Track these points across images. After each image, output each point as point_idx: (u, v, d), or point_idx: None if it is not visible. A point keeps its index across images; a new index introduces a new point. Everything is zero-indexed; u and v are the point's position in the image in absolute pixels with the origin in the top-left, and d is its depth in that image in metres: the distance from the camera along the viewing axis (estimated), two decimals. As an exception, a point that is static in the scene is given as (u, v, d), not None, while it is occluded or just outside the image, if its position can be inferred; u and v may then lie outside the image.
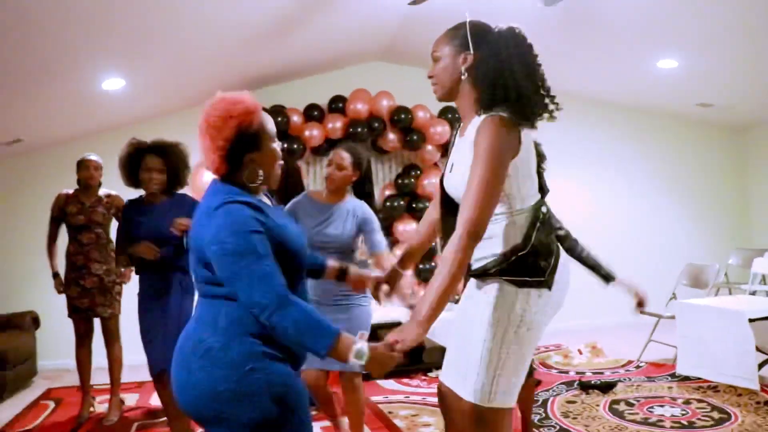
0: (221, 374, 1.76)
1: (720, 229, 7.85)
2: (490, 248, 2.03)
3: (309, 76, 6.74)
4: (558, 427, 3.90)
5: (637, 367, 5.34)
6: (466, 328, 2.09)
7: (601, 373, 5.17)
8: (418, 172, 6.73)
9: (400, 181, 6.71)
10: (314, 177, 6.74)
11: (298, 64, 6.34)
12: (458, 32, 2.09)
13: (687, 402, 4.27)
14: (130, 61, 5.03)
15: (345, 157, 3.37)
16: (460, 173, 2.04)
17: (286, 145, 6.08)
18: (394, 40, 6.25)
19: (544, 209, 2.08)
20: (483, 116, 2.00)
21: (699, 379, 4.64)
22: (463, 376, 2.06)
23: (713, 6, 4.77)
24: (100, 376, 4.76)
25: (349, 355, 1.73)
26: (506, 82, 1.99)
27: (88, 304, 4.51)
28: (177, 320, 3.54)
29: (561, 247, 2.12)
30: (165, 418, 3.96)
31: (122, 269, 4.49)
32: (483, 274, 2.05)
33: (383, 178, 6.95)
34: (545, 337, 6.33)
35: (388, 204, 6.59)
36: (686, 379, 4.73)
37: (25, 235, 6.37)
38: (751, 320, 4.27)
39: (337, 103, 6.53)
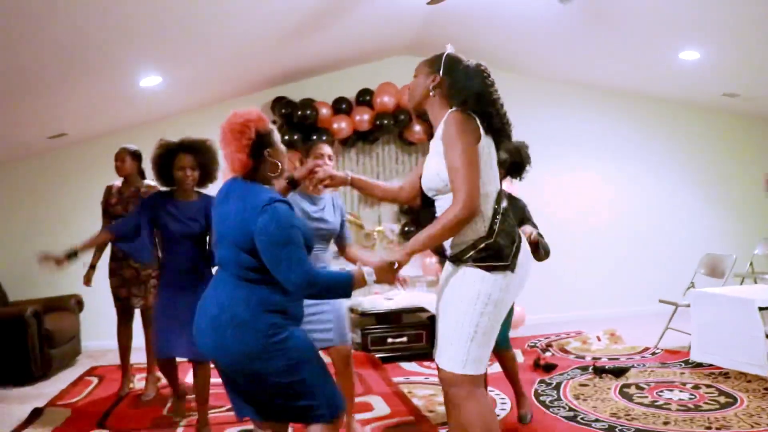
0: (250, 338, 2.31)
1: (746, 220, 7.86)
2: (461, 236, 2.36)
3: (337, 71, 6.94)
4: (567, 408, 4.09)
5: (653, 353, 5.47)
6: (444, 308, 2.45)
7: (617, 359, 5.32)
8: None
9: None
10: (342, 168, 6.96)
11: (326, 58, 6.55)
12: (432, 58, 2.60)
13: (696, 387, 4.41)
14: (166, 60, 5.29)
15: (329, 150, 3.59)
16: (427, 167, 2.46)
17: (315, 137, 6.31)
18: (419, 35, 6.42)
19: (504, 202, 2.42)
20: (446, 116, 2.42)
21: (711, 365, 4.76)
22: (442, 349, 2.42)
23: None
24: (139, 356, 5.06)
25: (366, 281, 2.32)
26: (470, 103, 2.44)
27: (126, 294, 4.78)
28: None
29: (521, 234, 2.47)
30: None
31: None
32: (455, 260, 2.39)
33: (410, 168, 7.14)
34: (566, 325, 6.53)
35: (413, 194, 6.79)
36: (699, 365, 4.85)
37: (69, 222, 6.73)
38: (761, 308, 4.37)
39: (365, 96, 6.73)
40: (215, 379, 3.91)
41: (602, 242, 7.44)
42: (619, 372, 4.78)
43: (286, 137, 6.28)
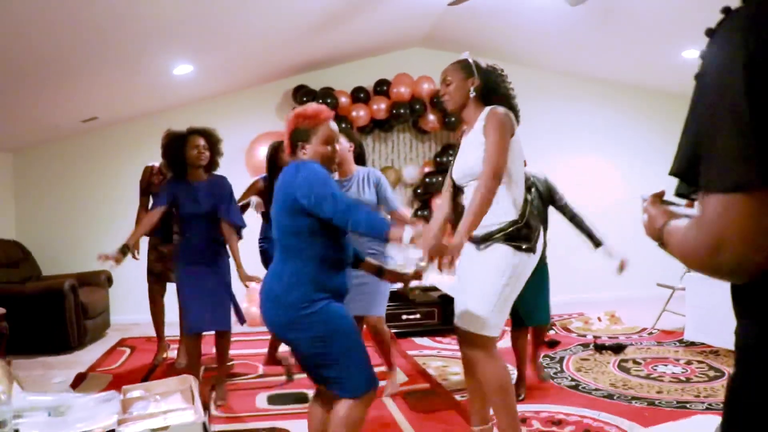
0: (282, 311, 2.55)
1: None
2: (494, 219, 2.72)
3: (356, 61, 7.26)
4: (570, 378, 4.47)
5: (650, 333, 5.84)
6: (473, 279, 2.80)
7: (616, 337, 5.69)
8: (456, 150, 7.24)
9: (438, 159, 7.24)
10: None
11: (346, 49, 6.87)
12: (462, 63, 2.91)
13: (688, 363, 4.79)
14: (198, 50, 5.62)
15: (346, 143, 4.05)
16: (465, 158, 2.84)
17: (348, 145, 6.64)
18: (435, 28, 6.73)
19: (531, 193, 2.74)
20: (487, 110, 2.80)
21: (703, 344, 5.13)
22: (467, 312, 2.79)
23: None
24: (169, 328, 5.44)
25: (402, 238, 2.39)
26: (500, 96, 2.86)
27: (161, 268, 5.14)
28: (228, 288, 4.19)
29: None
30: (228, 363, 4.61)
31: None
32: (487, 239, 2.74)
33: (423, 156, 7.49)
34: (568, 306, 6.85)
35: (427, 180, 7.15)
36: (692, 344, 5.22)
37: (100, 202, 7.11)
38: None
39: (382, 86, 7.06)
40: (243, 350, 4.33)
41: (604, 228, 7.77)
42: (617, 349, 5.16)
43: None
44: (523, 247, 2.73)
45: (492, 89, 2.87)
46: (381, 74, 7.14)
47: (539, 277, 3.94)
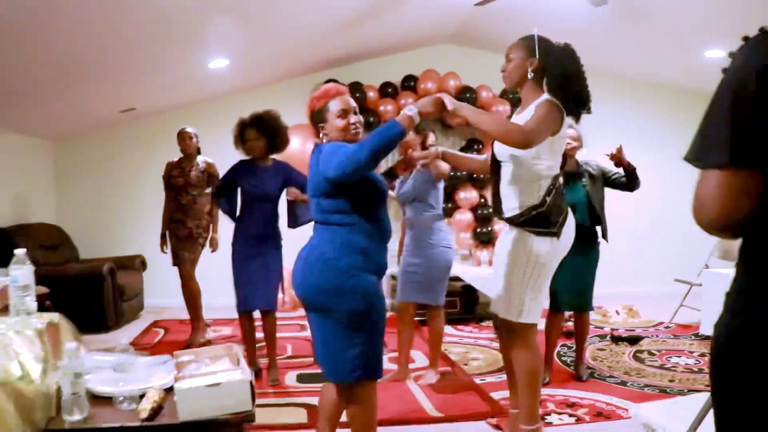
0: (332, 275, 2.55)
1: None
2: (515, 201, 2.85)
3: (385, 56, 7.45)
4: (585, 366, 4.64)
5: (667, 327, 5.99)
6: (501, 267, 2.94)
7: (633, 330, 5.84)
8: (480, 145, 7.43)
9: (463, 153, 7.42)
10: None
11: (375, 45, 7.06)
12: (528, 42, 2.89)
13: (702, 355, 4.94)
14: (234, 45, 5.85)
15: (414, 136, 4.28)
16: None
17: (362, 119, 6.85)
18: (463, 26, 6.90)
19: (560, 180, 2.88)
20: (543, 98, 2.80)
21: (718, 338, 5.26)
22: (502, 301, 2.93)
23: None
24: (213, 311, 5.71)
25: (410, 119, 2.47)
26: (565, 86, 2.81)
27: (178, 249, 5.40)
28: (279, 270, 4.42)
29: (569, 209, 2.93)
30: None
31: (214, 236, 5.28)
32: (510, 222, 2.87)
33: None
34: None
35: (451, 174, 7.33)
36: (707, 338, 5.36)
37: (135, 189, 7.39)
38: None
39: (409, 82, 7.25)
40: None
41: (624, 225, 7.89)
42: (633, 340, 5.33)
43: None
44: (544, 231, 2.81)
45: (555, 72, 2.80)
46: (409, 70, 7.33)
47: (581, 264, 4.08)
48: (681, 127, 8.08)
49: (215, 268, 5.41)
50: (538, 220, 2.80)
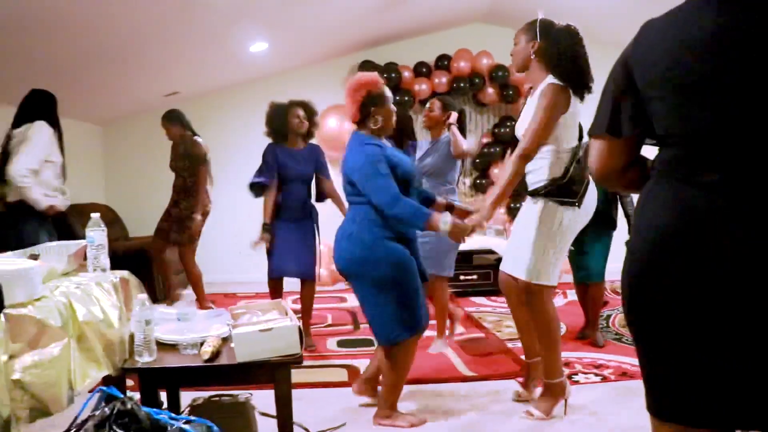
0: (357, 248, 2.98)
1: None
2: (540, 176, 3.08)
3: (419, 37, 7.61)
4: (614, 333, 4.83)
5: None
6: (523, 230, 3.16)
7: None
8: (513, 122, 7.55)
9: (496, 131, 7.57)
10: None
11: (409, 25, 7.22)
12: (532, 26, 3.11)
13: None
14: (273, 29, 6.08)
15: (437, 104, 4.51)
16: (524, 119, 3.12)
17: (397, 98, 7.06)
18: (494, 4, 7.02)
19: (580, 152, 3.08)
20: (546, 83, 3.01)
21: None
22: (519, 262, 3.14)
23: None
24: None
25: (440, 224, 2.91)
26: (563, 64, 3.00)
27: (167, 227, 5.74)
28: (313, 245, 4.66)
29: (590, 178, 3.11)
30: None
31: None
32: (535, 194, 3.10)
33: (482, 127, 7.83)
34: (619, 272, 7.11)
35: (485, 150, 7.50)
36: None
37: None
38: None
39: (443, 61, 7.41)
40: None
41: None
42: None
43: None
44: (566, 201, 3.03)
45: (557, 52, 2.96)
46: (442, 49, 7.48)
47: (596, 238, 4.34)
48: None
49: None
50: (561, 191, 3.03)
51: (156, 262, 5.97)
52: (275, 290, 4.67)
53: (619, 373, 3.90)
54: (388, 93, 3.17)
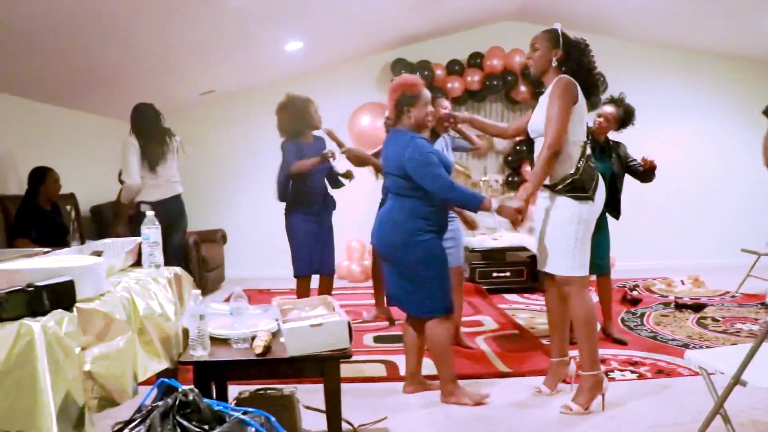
0: (399, 235, 3.33)
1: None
2: (556, 173, 3.22)
3: (451, 35, 7.64)
4: (648, 331, 4.84)
5: (733, 296, 6.07)
6: (551, 228, 3.31)
7: (698, 299, 5.94)
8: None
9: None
10: (453, 123, 7.73)
11: (442, 23, 7.26)
12: (551, 34, 3.30)
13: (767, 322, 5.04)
14: (308, 28, 6.16)
15: (447, 103, 4.70)
16: (536, 116, 3.29)
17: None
18: (526, 2, 7.02)
19: (588, 148, 3.26)
20: (557, 78, 3.21)
21: (785, 306, 5.35)
22: (554, 259, 3.30)
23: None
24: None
25: (489, 207, 3.23)
26: (581, 75, 3.25)
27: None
28: (332, 238, 4.75)
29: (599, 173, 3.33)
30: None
31: None
32: (552, 189, 3.24)
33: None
34: (653, 271, 7.07)
35: (517, 148, 7.52)
36: (774, 307, 5.46)
37: (216, 167, 7.83)
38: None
39: (475, 59, 7.44)
40: (348, 301, 4.83)
41: (690, 198, 7.93)
42: (698, 308, 5.45)
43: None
44: (581, 196, 3.20)
45: (573, 61, 3.23)
46: (475, 47, 7.51)
47: (600, 232, 4.30)
48: (744, 96, 8.04)
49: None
50: (576, 187, 3.20)
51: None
52: (305, 288, 4.69)
53: (654, 371, 3.92)
54: (425, 94, 3.40)
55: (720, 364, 2.45)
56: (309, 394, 3.11)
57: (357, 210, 6.48)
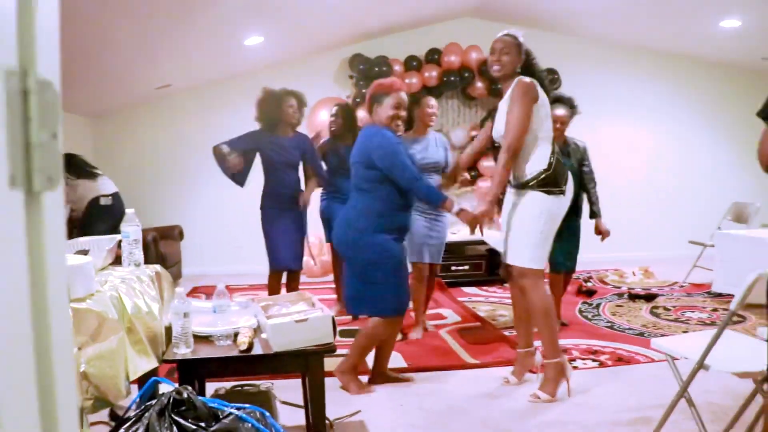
0: (351, 233, 3.41)
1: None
2: (527, 170, 3.34)
3: (409, 31, 7.69)
4: (605, 321, 5.01)
5: (681, 286, 6.33)
6: (517, 221, 3.40)
7: (649, 289, 6.18)
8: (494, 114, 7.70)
9: (485, 123, 7.71)
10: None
11: (399, 19, 7.31)
12: (517, 41, 3.42)
13: (714, 310, 5.28)
14: (269, 23, 6.14)
15: (434, 102, 4.80)
16: (499, 121, 3.43)
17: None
18: None
19: (556, 145, 3.41)
20: (515, 80, 3.35)
21: (730, 295, 5.58)
22: (515, 250, 3.41)
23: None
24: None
25: (450, 208, 3.40)
26: (534, 75, 3.39)
27: None
28: (303, 230, 4.79)
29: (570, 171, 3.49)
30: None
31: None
32: (524, 186, 3.34)
33: (470, 120, 7.97)
34: (605, 263, 7.30)
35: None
36: (719, 295, 5.70)
37: (171, 163, 7.75)
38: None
39: (433, 55, 7.52)
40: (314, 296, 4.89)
41: (640, 192, 8.20)
42: (649, 298, 5.68)
43: (363, 91, 7.13)
44: (554, 190, 3.33)
45: (528, 67, 3.42)
46: (433, 43, 7.58)
47: (571, 229, 4.53)
48: (696, 95, 8.37)
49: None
50: (549, 182, 3.32)
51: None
52: (276, 284, 4.74)
53: (614, 359, 4.08)
54: (395, 97, 3.48)
55: (685, 351, 2.59)
56: (284, 390, 3.15)
57: (314, 206, 6.50)
